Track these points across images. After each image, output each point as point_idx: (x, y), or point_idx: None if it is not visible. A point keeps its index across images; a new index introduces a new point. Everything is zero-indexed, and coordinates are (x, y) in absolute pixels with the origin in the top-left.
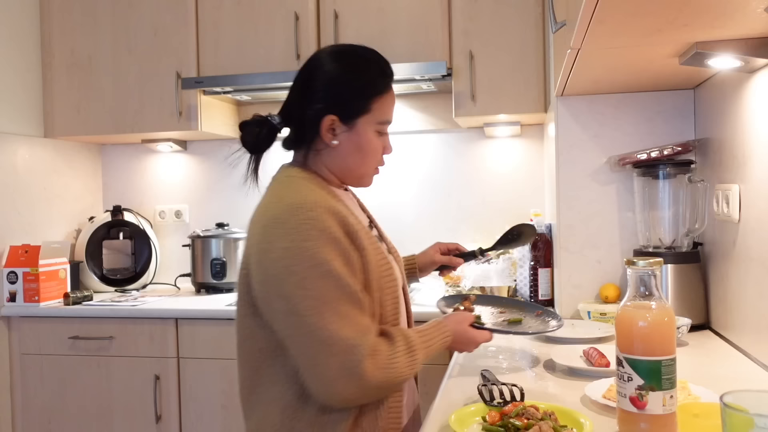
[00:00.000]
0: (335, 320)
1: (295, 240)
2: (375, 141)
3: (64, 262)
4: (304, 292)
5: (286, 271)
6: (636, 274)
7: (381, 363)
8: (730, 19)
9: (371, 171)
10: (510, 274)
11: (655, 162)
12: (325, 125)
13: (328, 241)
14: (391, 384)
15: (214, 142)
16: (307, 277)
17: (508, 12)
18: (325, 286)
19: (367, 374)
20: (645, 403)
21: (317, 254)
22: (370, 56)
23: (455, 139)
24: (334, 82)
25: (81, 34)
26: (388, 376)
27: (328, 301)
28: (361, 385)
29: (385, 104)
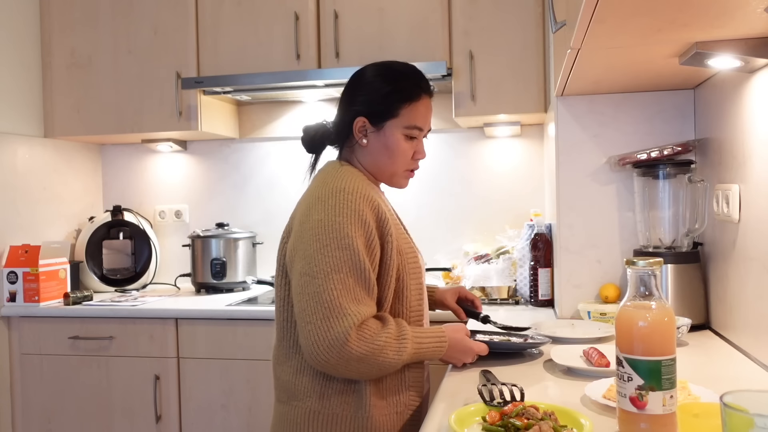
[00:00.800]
0: (339, 288)
1: (329, 214)
2: (403, 144)
3: (64, 262)
4: (322, 257)
5: (314, 237)
6: (636, 274)
7: (366, 336)
8: (730, 19)
9: (400, 171)
10: (510, 274)
11: (655, 162)
12: (357, 126)
13: (357, 222)
14: (373, 361)
15: (214, 142)
16: (329, 245)
17: (508, 12)
18: (342, 257)
19: (350, 342)
20: (645, 403)
21: (344, 228)
22: (406, 70)
23: (455, 139)
24: (367, 89)
25: (81, 34)
26: (370, 350)
27: (340, 270)
28: (341, 353)
29: (414, 111)
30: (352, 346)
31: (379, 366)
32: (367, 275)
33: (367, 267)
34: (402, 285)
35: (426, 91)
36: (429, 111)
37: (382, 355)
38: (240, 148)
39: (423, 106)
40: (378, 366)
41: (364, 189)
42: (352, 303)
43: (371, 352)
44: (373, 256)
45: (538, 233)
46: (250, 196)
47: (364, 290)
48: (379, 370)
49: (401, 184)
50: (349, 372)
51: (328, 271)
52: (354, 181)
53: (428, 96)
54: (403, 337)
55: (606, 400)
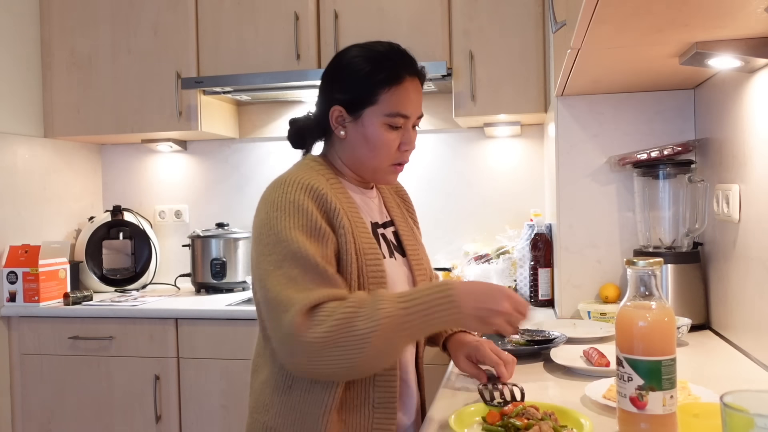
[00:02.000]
0: (283, 282)
1: (268, 212)
2: (385, 134)
3: (64, 262)
4: (265, 258)
5: (257, 239)
6: (636, 274)
7: (319, 318)
8: (730, 19)
9: (385, 166)
10: (510, 274)
11: (655, 162)
12: (333, 116)
13: (294, 211)
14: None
15: (214, 142)
16: (268, 244)
17: (508, 12)
18: (281, 251)
19: (300, 330)
20: (645, 403)
21: (279, 222)
22: (385, 49)
23: (455, 139)
24: (342, 74)
25: (81, 34)
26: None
27: (282, 265)
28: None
29: (395, 97)
30: (303, 333)
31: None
32: (314, 261)
33: (311, 254)
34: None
35: (410, 71)
36: (417, 95)
37: (350, 331)
38: (240, 148)
39: (407, 89)
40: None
41: (307, 179)
42: (298, 292)
43: (331, 332)
44: (324, 242)
45: (538, 233)
46: (250, 196)
47: (316, 278)
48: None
49: (388, 180)
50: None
51: (270, 270)
52: (298, 173)
53: (414, 77)
54: (377, 300)
55: (606, 400)
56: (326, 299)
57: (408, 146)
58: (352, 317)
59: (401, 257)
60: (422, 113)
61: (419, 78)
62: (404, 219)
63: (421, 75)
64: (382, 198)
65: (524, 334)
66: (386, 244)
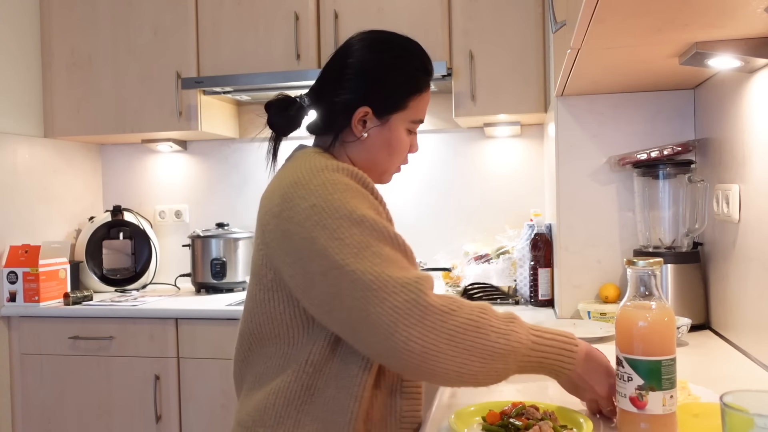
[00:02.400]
0: (379, 262)
1: (321, 196)
2: (405, 139)
3: (64, 262)
4: (340, 242)
5: (317, 227)
6: (636, 274)
7: (448, 299)
8: (730, 19)
9: (394, 168)
10: (510, 274)
11: (655, 162)
12: (357, 116)
13: (357, 194)
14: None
15: (214, 142)
16: (340, 227)
17: (508, 12)
18: (361, 232)
19: (433, 304)
20: (645, 403)
21: (346, 204)
22: (414, 50)
23: (455, 139)
24: (372, 74)
25: (81, 33)
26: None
27: (368, 245)
28: (426, 319)
29: (421, 103)
30: (432, 300)
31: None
32: (399, 241)
33: (393, 232)
34: None
35: (431, 75)
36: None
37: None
38: (240, 148)
39: (428, 95)
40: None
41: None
42: (404, 272)
43: (461, 328)
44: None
45: (538, 233)
46: (250, 196)
47: (405, 258)
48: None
49: (388, 181)
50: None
51: (356, 252)
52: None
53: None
54: (508, 319)
55: None
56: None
57: (415, 149)
58: (485, 323)
59: None
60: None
61: None
62: None
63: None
64: None
65: None
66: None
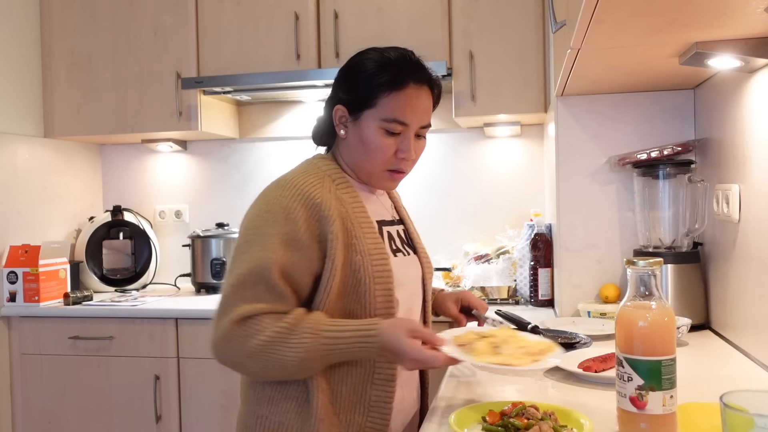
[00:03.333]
0: (236, 285)
1: (260, 209)
2: (380, 138)
3: (64, 262)
4: (240, 254)
5: (241, 230)
6: (636, 274)
7: (248, 332)
8: (730, 19)
9: (378, 170)
10: (510, 274)
11: (655, 162)
12: (336, 115)
13: (283, 219)
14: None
15: (214, 142)
16: (249, 242)
17: (508, 12)
18: (254, 255)
19: (228, 339)
20: (645, 403)
21: (264, 225)
22: (395, 55)
23: (455, 139)
24: (348, 75)
25: (81, 34)
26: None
27: (244, 267)
28: (224, 350)
29: (394, 102)
30: (230, 342)
31: (275, 364)
32: (270, 276)
33: (274, 267)
34: (364, 290)
35: (417, 79)
36: (421, 103)
37: (273, 352)
38: (240, 148)
39: (409, 96)
40: (273, 364)
41: (308, 185)
42: (243, 300)
43: (256, 349)
44: (302, 253)
45: (538, 233)
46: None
47: (266, 290)
48: (278, 368)
49: (385, 186)
50: (246, 370)
51: (235, 265)
52: (303, 175)
53: (421, 86)
54: (303, 330)
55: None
56: (263, 312)
57: (404, 154)
58: (278, 341)
59: (413, 254)
60: (429, 123)
61: (430, 87)
62: (410, 219)
63: (433, 84)
64: (391, 198)
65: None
66: (395, 241)
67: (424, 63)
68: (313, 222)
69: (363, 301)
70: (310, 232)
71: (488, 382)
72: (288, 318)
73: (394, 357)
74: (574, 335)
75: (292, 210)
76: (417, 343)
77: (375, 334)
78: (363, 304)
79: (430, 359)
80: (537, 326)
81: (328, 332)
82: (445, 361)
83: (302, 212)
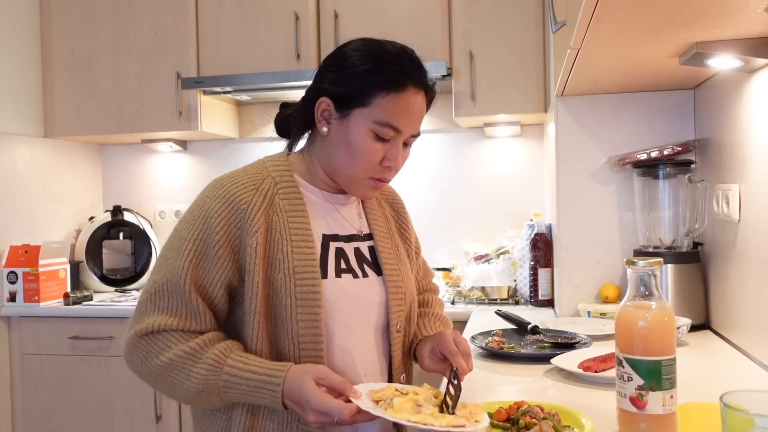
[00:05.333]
0: (152, 291)
1: (188, 209)
2: (369, 142)
3: (64, 262)
4: (161, 257)
5: (172, 232)
6: (636, 274)
7: (151, 349)
8: (730, 19)
9: (361, 177)
10: (510, 274)
11: (655, 162)
12: (319, 108)
13: (201, 224)
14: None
15: (214, 142)
16: (169, 244)
17: (508, 12)
18: (169, 259)
19: (129, 352)
20: (645, 403)
21: (185, 228)
22: (395, 50)
23: (455, 139)
24: (339, 64)
25: (81, 34)
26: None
27: (161, 272)
28: (127, 360)
29: (391, 105)
30: (133, 354)
31: (173, 389)
32: (184, 287)
33: (186, 277)
34: (286, 314)
35: (417, 83)
36: (417, 110)
37: (171, 376)
38: (240, 148)
39: (407, 100)
40: (171, 389)
41: (238, 187)
42: (155, 310)
43: (156, 369)
44: (214, 264)
45: (538, 233)
46: None
47: (179, 303)
48: (177, 394)
49: (364, 194)
50: (151, 385)
51: (157, 270)
52: (238, 174)
53: (419, 90)
54: (206, 360)
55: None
56: (172, 328)
57: (391, 162)
58: (178, 365)
59: (375, 275)
60: (419, 132)
61: (427, 93)
62: (388, 233)
63: (429, 90)
64: (364, 208)
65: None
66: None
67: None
68: (232, 230)
69: (286, 326)
70: (227, 240)
71: (488, 382)
72: (195, 342)
73: (297, 407)
74: (574, 335)
75: (211, 214)
76: (322, 392)
77: (278, 382)
78: (286, 330)
79: (336, 411)
80: (537, 326)
81: (232, 368)
82: (353, 415)
83: (222, 217)
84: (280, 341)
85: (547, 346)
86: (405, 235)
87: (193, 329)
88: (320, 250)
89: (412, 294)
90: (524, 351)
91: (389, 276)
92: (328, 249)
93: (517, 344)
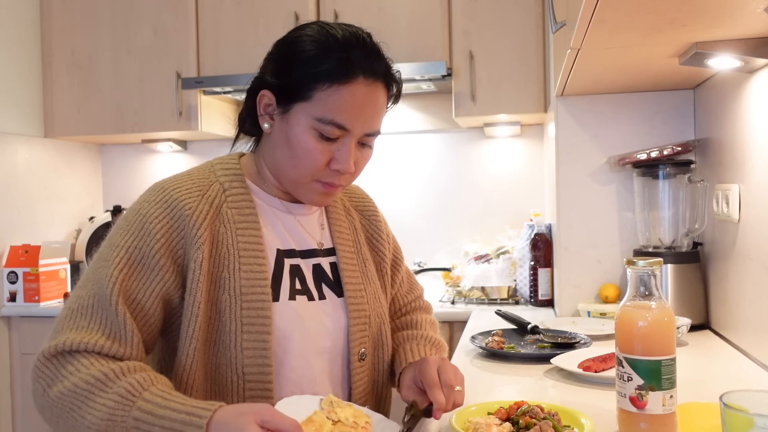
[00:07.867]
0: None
1: (123, 214)
2: (311, 141)
3: (64, 262)
4: (90, 271)
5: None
6: (636, 274)
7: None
8: (730, 19)
9: (304, 180)
10: (510, 274)
11: (655, 162)
12: (261, 102)
13: (138, 230)
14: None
15: (214, 142)
16: (101, 252)
17: (508, 12)
18: (96, 270)
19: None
20: (645, 403)
21: (118, 234)
22: (344, 35)
23: (455, 139)
24: (281, 52)
25: (81, 34)
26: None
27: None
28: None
29: (334, 99)
30: (34, 385)
31: (71, 426)
32: (114, 302)
33: (114, 291)
34: (230, 340)
35: (370, 73)
36: (371, 104)
37: (70, 408)
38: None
39: (354, 94)
40: (70, 425)
41: (181, 191)
42: (73, 328)
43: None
44: (151, 277)
45: (538, 233)
46: None
47: (106, 322)
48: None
49: (313, 201)
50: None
51: (80, 284)
52: (182, 176)
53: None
54: (118, 390)
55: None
56: (89, 350)
57: (339, 165)
58: (83, 393)
59: (336, 297)
60: (378, 130)
61: (386, 84)
62: (354, 247)
63: (390, 80)
64: (328, 217)
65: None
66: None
67: (382, 50)
68: (174, 237)
69: (229, 354)
70: (168, 249)
71: (488, 382)
72: (109, 367)
73: None
74: (574, 335)
75: (150, 219)
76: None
77: (200, 423)
78: (229, 359)
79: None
80: (537, 326)
81: (147, 404)
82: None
83: (162, 223)
84: (220, 372)
85: (547, 346)
86: (377, 247)
87: (113, 353)
88: (273, 268)
89: (381, 316)
90: (524, 351)
91: (351, 298)
92: (283, 267)
93: (517, 344)
